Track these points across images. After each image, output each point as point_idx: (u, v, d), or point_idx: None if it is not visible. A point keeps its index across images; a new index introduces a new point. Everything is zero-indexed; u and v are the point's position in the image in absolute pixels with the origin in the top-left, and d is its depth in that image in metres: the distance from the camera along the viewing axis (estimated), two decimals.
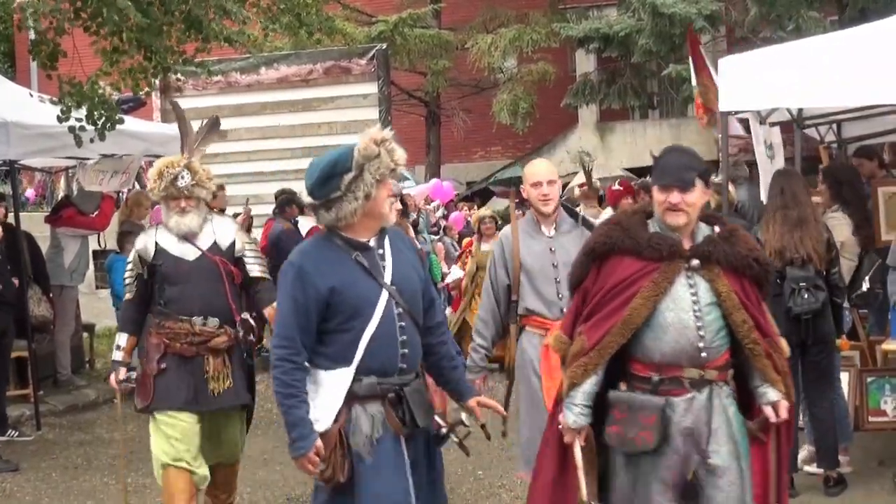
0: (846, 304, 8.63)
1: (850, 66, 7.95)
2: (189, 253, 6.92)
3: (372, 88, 18.04)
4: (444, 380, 5.25)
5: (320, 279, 4.81)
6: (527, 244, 6.76)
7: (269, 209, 15.21)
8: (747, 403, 4.99)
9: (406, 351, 4.93)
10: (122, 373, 7.07)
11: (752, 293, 4.95)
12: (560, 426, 5.00)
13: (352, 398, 4.83)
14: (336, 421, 4.82)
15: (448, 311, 13.66)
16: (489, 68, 24.49)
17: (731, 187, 9.50)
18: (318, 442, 4.78)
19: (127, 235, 12.65)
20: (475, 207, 20.03)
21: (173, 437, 6.80)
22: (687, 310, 4.84)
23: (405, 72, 25.26)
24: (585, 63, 25.45)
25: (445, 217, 19.72)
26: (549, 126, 25.92)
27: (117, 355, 7.09)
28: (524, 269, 6.72)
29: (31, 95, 11.34)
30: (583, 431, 4.93)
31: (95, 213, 12.58)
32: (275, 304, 6.56)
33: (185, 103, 18.44)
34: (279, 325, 4.87)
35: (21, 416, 11.11)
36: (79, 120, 10.11)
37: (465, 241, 16.38)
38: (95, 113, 10.20)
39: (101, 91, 10.35)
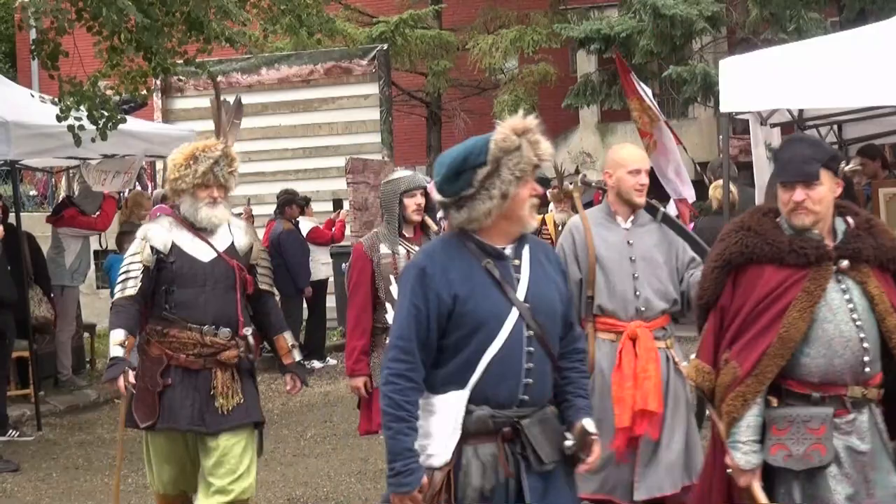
0: None
1: (851, 68, 7.95)
2: (203, 253, 6.23)
3: (373, 89, 18.08)
4: (564, 405, 4.39)
5: (444, 286, 4.15)
6: (601, 235, 6.10)
7: (269, 209, 15.23)
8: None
9: (530, 381, 4.19)
10: (131, 375, 6.06)
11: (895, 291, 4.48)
12: (728, 471, 4.47)
13: (461, 436, 4.15)
14: (447, 461, 4.14)
15: None
16: (490, 69, 24.46)
17: (732, 187, 9.50)
18: (424, 479, 4.12)
19: (126, 236, 12.67)
20: None
21: (170, 458, 6.35)
22: (846, 319, 4.37)
23: (406, 72, 25.23)
24: (586, 64, 25.40)
25: (445, 217, 19.70)
26: (550, 126, 25.58)
27: (118, 351, 6.05)
28: (599, 263, 6.07)
29: (33, 96, 11.35)
30: (757, 470, 4.41)
31: (97, 213, 12.59)
32: (286, 336, 6.57)
33: (185, 103, 18.73)
34: (396, 334, 4.19)
35: (22, 417, 11.12)
36: (78, 119, 10.11)
37: None
38: (96, 113, 10.21)
39: (101, 91, 10.36)
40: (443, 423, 4.15)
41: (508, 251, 4.26)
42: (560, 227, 12.38)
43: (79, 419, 11.60)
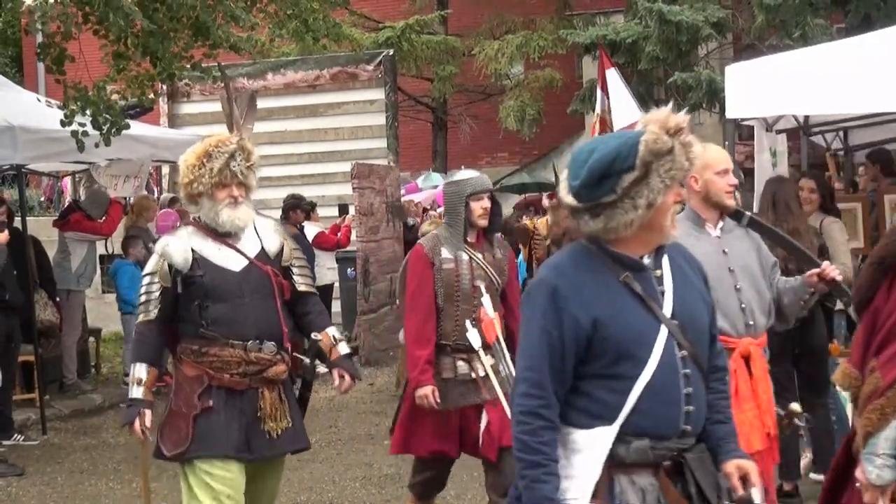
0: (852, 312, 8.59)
1: (856, 74, 7.95)
2: (233, 261, 5.62)
3: (379, 94, 18.09)
4: (705, 434, 3.80)
5: (581, 307, 3.59)
6: (690, 245, 5.22)
7: (275, 214, 15.21)
8: None
9: (691, 408, 3.67)
10: (148, 417, 5.56)
11: None
12: (857, 485, 4.09)
13: (614, 465, 3.61)
14: (594, 497, 3.61)
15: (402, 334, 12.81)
16: (496, 74, 24.49)
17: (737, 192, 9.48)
18: None
19: (132, 240, 12.71)
20: None
21: (224, 492, 5.47)
22: None
23: (412, 78, 25.27)
24: (592, 69, 25.35)
25: None
26: (556, 132, 25.89)
27: (137, 392, 5.57)
28: None
29: (39, 100, 11.36)
30: (889, 488, 4.00)
31: (103, 218, 12.60)
32: (329, 330, 5.89)
33: (191, 108, 18.75)
34: (525, 365, 3.66)
35: (27, 421, 11.12)
36: (82, 125, 10.13)
37: None
38: (100, 118, 10.23)
39: (106, 97, 10.37)
40: (587, 462, 3.62)
41: (648, 261, 3.72)
42: None
43: (84, 423, 11.60)
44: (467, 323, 6.22)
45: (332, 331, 5.93)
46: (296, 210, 14.58)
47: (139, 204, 13.13)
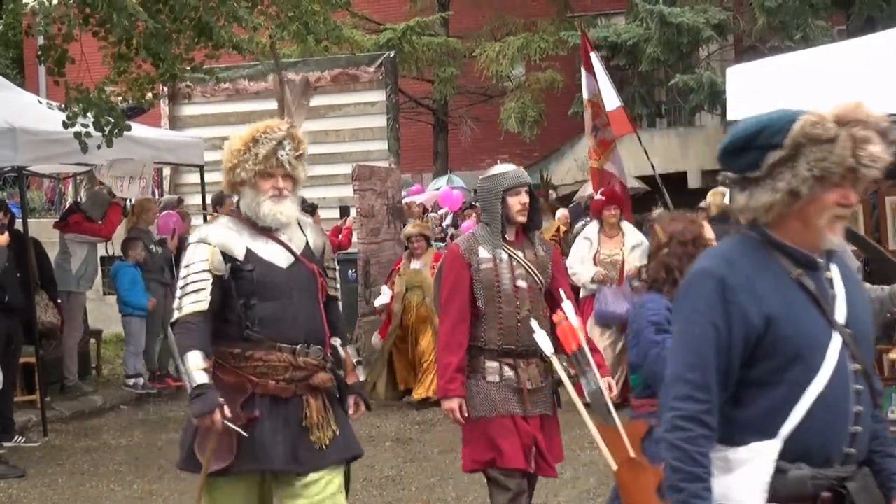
0: None
1: (858, 75, 7.95)
2: (280, 257, 5.18)
3: (380, 96, 18.08)
4: (871, 468, 3.33)
5: (753, 302, 3.17)
6: None
7: None
8: None
9: (858, 429, 3.22)
10: (227, 408, 4.93)
11: None
12: None
13: (769, 498, 3.17)
14: None
15: (376, 338, 12.61)
16: (497, 76, 24.47)
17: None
18: None
19: (132, 242, 12.71)
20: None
21: None
22: None
23: (413, 79, 25.25)
24: None
25: (455, 225, 19.73)
26: (557, 134, 25.87)
27: (201, 377, 4.94)
28: None
29: (40, 102, 11.37)
30: None
31: (102, 220, 12.60)
32: (348, 350, 5.53)
33: (192, 110, 18.75)
34: (684, 362, 3.22)
35: (28, 422, 11.12)
36: (84, 126, 10.14)
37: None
38: (102, 120, 10.24)
39: (107, 98, 10.38)
40: (745, 483, 3.19)
41: (821, 260, 3.32)
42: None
43: (85, 425, 11.60)
44: (533, 323, 5.64)
45: (351, 351, 5.59)
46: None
47: (140, 205, 13.13)
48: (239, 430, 4.92)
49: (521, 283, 6.08)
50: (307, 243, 5.30)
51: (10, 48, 31.73)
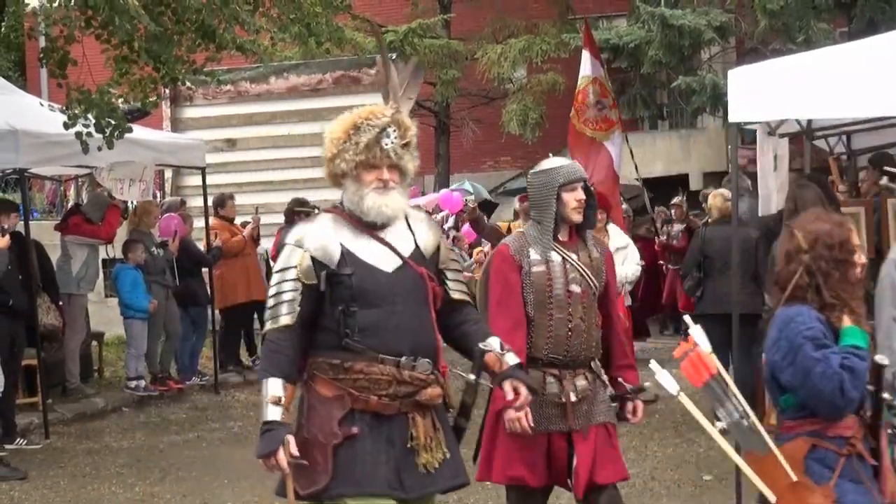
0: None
1: (860, 77, 7.93)
2: (384, 259, 4.66)
3: (381, 98, 18.06)
4: None
5: None
6: None
7: (278, 219, 15.23)
8: None
9: None
10: (293, 445, 4.45)
11: None
12: None
13: None
14: None
15: None
16: (499, 78, 24.45)
17: (730, 195, 9.48)
18: None
19: (133, 244, 12.70)
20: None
21: None
22: None
23: None
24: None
25: (456, 227, 19.73)
26: (559, 136, 25.77)
27: (273, 413, 4.48)
28: None
29: (42, 104, 11.37)
30: None
31: (101, 222, 12.59)
32: (491, 341, 4.79)
33: (194, 112, 18.76)
34: None
35: (29, 425, 11.12)
36: (85, 126, 10.14)
37: (476, 250, 16.38)
38: (103, 122, 10.24)
39: (109, 100, 10.39)
40: None
41: None
42: None
43: (86, 427, 11.59)
44: (653, 364, 4.80)
45: (495, 342, 4.82)
46: (301, 214, 14.58)
47: (141, 208, 13.12)
48: (304, 462, 4.48)
49: (575, 288, 5.61)
50: (416, 245, 4.76)
51: (11, 50, 31.84)
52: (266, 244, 15.07)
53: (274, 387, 4.49)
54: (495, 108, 25.48)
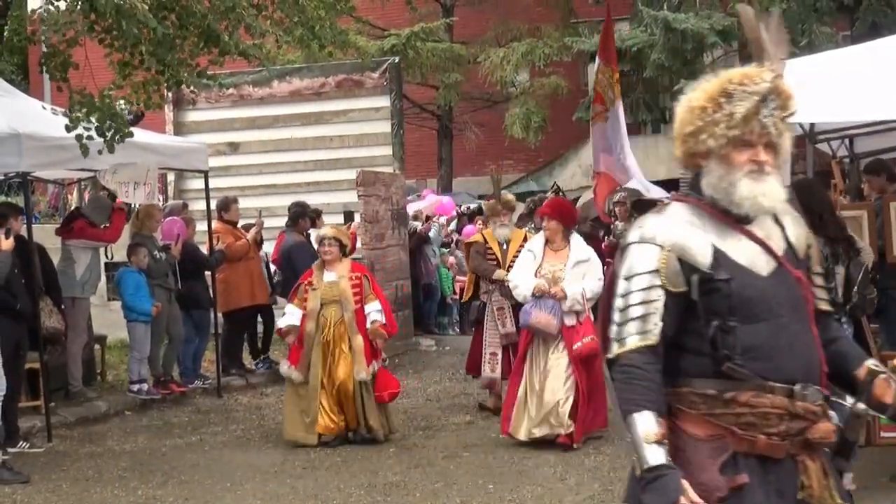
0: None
1: (862, 81, 7.95)
2: (759, 262, 3.73)
3: (384, 102, 18.11)
4: None
5: None
6: None
7: (281, 222, 15.26)
8: None
9: None
10: (690, 491, 3.55)
11: None
12: None
13: None
14: None
15: (284, 365, 10.73)
16: (501, 82, 24.52)
17: None
18: None
19: (136, 248, 12.71)
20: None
21: None
22: None
23: (417, 85, 25.30)
24: None
25: (458, 231, 19.78)
26: (562, 140, 25.91)
27: (658, 455, 3.58)
28: None
29: (44, 108, 11.37)
30: None
31: (106, 225, 12.60)
32: (870, 362, 3.88)
33: (197, 116, 18.78)
34: None
35: (32, 428, 11.11)
36: (87, 129, 10.14)
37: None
38: (104, 125, 10.25)
39: (110, 103, 10.39)
40: None
41: None
42: (504, 245, 11.60)
43: (89, 431, 11.59)
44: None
45: (873, 362, 3.94)
46: (303, 217, 14.59)
47: (144, 211, 13.11)
48: None
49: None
50: (788, 242, 3.83)
51: (14, 54, 31.85)
52: (269, 248, 15.09)
53: (648, 423, 3.59)
54: (498, 112, 25.55)
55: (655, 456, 3.54)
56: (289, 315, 10.64)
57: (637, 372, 3.64)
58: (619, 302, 3.74)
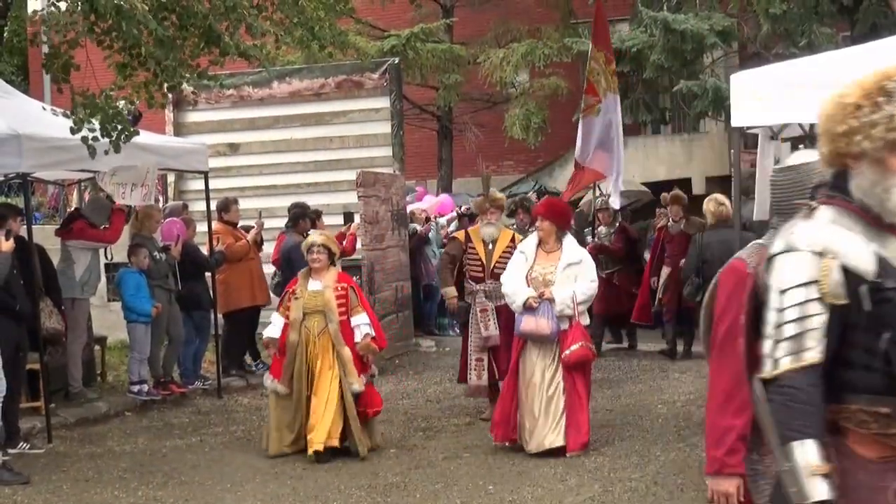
0: None
1: None
2: None
3: (384, 102, 18.10)
4: None
5: None
6: None
7: (281, 223, 15.26)
8: None
9: None
10: None
11: None
12: None
13: None
14: None
15: (268, 379, 10.56)
16: (501, 83, 24.46)
17: (726, 200, 9.48)
18: None
19: (136, 249, 12.71)
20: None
21: None
22: None
23: (417, 86, 25.25)
24: None
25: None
26: (562, 141, 25.84)
27: (822, 489, 3.30)
28: None
29: (44, 109, 11.37)
30: None
31: (106, 226, 12.60)
32: None
33: (197, 116, 18.78)
34: None
35: (32, 429, 11.11)
36: (91, 130, 10.15)
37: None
38: (108, 126, 10.25)
39: (113, 103, 10.40)
40: None
41: None
42: (490, 245, 11.27)
43: (89, 431, 11.59)
44: None
45: None
46: (303, 218, 14.59)
47: (143, 212, 13.12)
48: None
49: None
50: None
51: (14, 55, 31.87)
52: (269, 248, 15.10)
53: (811, 453, 3.30)
54: (498, 113, 25.51)
55: (821, 491, 3.27)
56: (272, 325, 10.38)
57: (799, 395, 3.34)
58: (772, 317, 3.44)
